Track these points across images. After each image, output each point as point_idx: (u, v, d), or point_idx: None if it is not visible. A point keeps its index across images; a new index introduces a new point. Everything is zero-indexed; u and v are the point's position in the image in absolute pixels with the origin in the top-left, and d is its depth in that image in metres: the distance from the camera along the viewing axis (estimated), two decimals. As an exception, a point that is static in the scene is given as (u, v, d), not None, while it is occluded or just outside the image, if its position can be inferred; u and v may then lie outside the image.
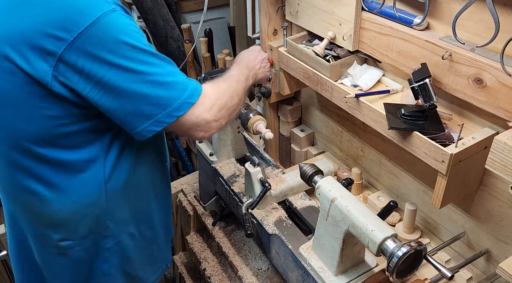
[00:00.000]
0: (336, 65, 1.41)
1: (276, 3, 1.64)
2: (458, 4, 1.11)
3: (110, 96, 0.98)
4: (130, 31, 0.96)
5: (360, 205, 1.15)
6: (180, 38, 2.45)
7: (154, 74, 0.98)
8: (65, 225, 1.15)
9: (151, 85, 0.98)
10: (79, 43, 0.92)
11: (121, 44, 0.94)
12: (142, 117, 1.01)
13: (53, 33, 0.91)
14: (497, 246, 1.29)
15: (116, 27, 0.94)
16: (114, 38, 0.93)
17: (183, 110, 1.03)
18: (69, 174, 1.09)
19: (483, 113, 1.16)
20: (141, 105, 0.99)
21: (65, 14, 0.91)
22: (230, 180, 1.60)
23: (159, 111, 1.01)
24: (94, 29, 0.92)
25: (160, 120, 1.02)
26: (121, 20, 0.96)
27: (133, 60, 0.96)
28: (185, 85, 1.03)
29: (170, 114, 1.02)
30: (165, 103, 1.00)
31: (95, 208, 1.14)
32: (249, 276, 1.58)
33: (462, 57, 1.09)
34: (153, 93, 0.99)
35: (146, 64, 0.97)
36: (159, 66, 1.00)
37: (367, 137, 1.64)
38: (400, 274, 1.06)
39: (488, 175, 1.22)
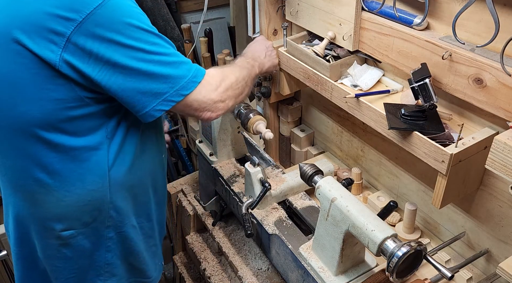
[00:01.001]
0: (336, 65, 1.41)
1: (276, 3, 1.64)
2: (458, 4, 1.11)
3: (119, 76, 1.00)
4: (135, 13, 1.00)
5: (360, 205, 1.15)
6: (180, 38, 2.45)
7: (160, 54, 1.02)
8: (68, 213, 1.16)
9: (158, 64, 1.02)
10: (88, 24, 0.94)
11: (128, 25, 0.97)
12: (151, 96, 1.04)
13: (62, 14, 0.93)
14: (497, 246, 1.29)
15: (122, 9, 0.98)
16: (121, 20, 0.97)
17: (190, 89, 1.06)
18: (74, 161, 1.11)
19: (483, 113, 1.16)
20: (150, 84, 1.02)
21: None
22: (230, 180, 1.60)
23: (167, 90, 1.04)
24: (102, 10, 0.94)
25: (168, 98, 1.05)
26: (126, 2, 1.00)
27: (140, 40, 0.99)
28: (189, 66, 1.07)
29: (177, 93, 1.05)
30: (172, 82, 1.04)
31: (99, 196, 1.16)
32: (249, 276, 1.58)
33: (462, 57, 1.09)
34: (161, 71, 1.02)
35: (152, 44, 1.01)
36: (164, 46, 1.04)
37: (367, 137, 1.64)
38: (400, 274, 1.06)
39: (488, 175, 1.22)
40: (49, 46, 0.96)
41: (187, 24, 2.24)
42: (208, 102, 1.10)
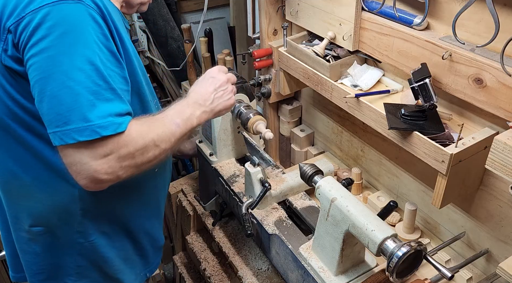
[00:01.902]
0: (336, 65, 1.41)
1: (276, 3, 1.64)
2: (458, 4, 1.11)
3: (32, 80, 0.92)
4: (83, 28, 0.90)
5: (360, 205, 1.15)
6: (180, 38, 2.45)
7: (79, 83, 0.89)
8: (39, 210, 1.13)
9: (70, 91, 0.88)
10: (28, 19, 0.89)
11: (65, 36, 0.88)
12: (47, 120, 0.92)
13: (9, 10, 0.92)
14: (497, 246, 1.29)
15: (72, 18, 0.89)
16: (61, 27, 0.88)
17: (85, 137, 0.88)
18: (47, 162, 1.07)
19: (483, 113, 1.16)
20: (48, 107, 0.90)
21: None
22: (230, 180, 1.60)
23: (60, 124, 0.89)
24: (47, 9, 0.89)
25: (58, 134, 0.90)
26: (82, 13, 0.90)
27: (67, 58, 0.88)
28: (104, 113, 0.90)
29: (69, 133, 0.89)
30: (70, 119, 0.89)
31: (70, 200, 1.11)
32: (249, 276, 1.58)
33: (462, 57, 1.09)
34: (66, 101, 0.88)
35: (78, 69, 0.89)
36: (91, 80, 0.90)
37: (367, 137, 1.64)
38: (400, 274, 1.06)
39: (488, 175, 1.22)
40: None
41: (187, 24, 2.24)
42: (85, 169, 0.91)
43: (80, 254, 1.21)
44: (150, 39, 2.54)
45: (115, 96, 0.93)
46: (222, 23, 2.61)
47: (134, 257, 1.33)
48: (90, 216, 1.17)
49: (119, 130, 0.91)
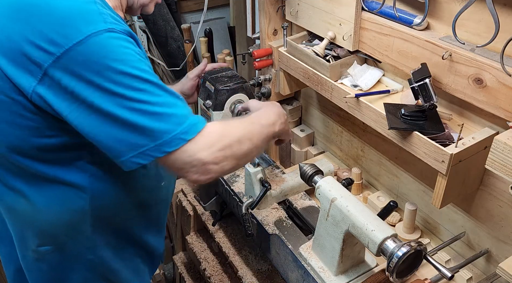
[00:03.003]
0: (336, 65, 1.41)
1: (276, 3, 1.64)
2: (458, 4, 1.11)
3: (94, 118, 0.90)
4: (122, 54, 0.89)
5: (360, 205, 1.15)
6: (180, 38, 2.45)
7: (144, 102, 0.90)
8: (46, 229, 1.11)
9: (139, 113, 0.90)
10: (66, 60, 0.86)
11: (109, 68, 0.87)
12: (127, 147, 0.92)
13: (42, 45, 0.87)
14: (497, 246, 1.29)
15: (106, 49, 0.87)
16: (102, 61, 0.87)
17: (174, 146, 0.92)
18: (52, 185, 1.04)
19: (483, 113, 1.16)
20: (126, 133, 0.91)
21: (56, 27, 0.86)
22: (230, 180, 1.60)
23: (146, 143, 0.91)
24: (82, 47, 0.86)
25: (146, 153, 0.92)
26: (114, 42, 0.89)
27: (121, 85, 0.88)
28: (181, 119, 0.93)
29: (158, 149, 0.92)
30: (153, 135, 0.91)
31: (78, 217, 1.10)
32: (249, 276, 1.58)
33: (462, 57, 1.09)
34: (141, 122, 0.90)
35: (136, 91, 0.89)
36: (153, 94, 0.92)
37: (367, 137, 1.64)
38: (400, 274, 1.06)
39: (488, 175, 1.22)
40: (25, 75, 0.89)
41: (187, 24, 2.24)
42: (194, 163, 0.95)
43: (88, 268, 1.19)
44: (150, 39, 2.54)
45: (176, 99, 0.96)
46: (222, 23, 2.61)
47: (141, 266, 1.32)
48: (99, 231, 1.15)
49: (200, 129, 0.95)
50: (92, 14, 0.89)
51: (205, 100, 1.54)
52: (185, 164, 0.95)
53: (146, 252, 1.31)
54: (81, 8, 0.89)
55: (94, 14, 0.89)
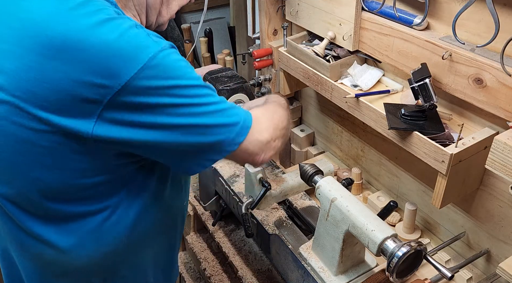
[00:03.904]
0: (336, 65, 1.41)
1: (276, 3, 1.64)
2: (458, 4, 1.11)
3: (164, 136, 0.90)
4: (180, 67, 0.90)
5: (360, 205, 1.15)
6: (180, 38, 2.45)
7: (211, 104, 0.93)
8: (77, 274, 1.06)
9: (212, 114, 0.93)
10: (129, 90, 0.83)
11: (174, 88, 0.87)
12: (202, 150, 0.95)
13: (95, 81, 0.81)
14: (497, 246, 1.28)
15: (167, 67, 0.87)
16: (166, 83, 0.86)
17: (243, 135, 0.97)
18: (87, 225, 0.99)
19: (483, 113, 1.16)
20: (201, 137, 0.93)
21: (111, 60, 0.82)
22: (230, 180, 1.60)
23: (222, 139, 0.94)
24: (144, 73, 0.83)
25: (222, 149, 0.95)
26: (170, 58, 0.88)
27: (188, 97, 0.89)
28: (237, 110, 0.98)
29: (233, 141, 0.96)
30: (227, 131, 0.94)
31: (113, 257, 1.06)
32: (249, 276, 1.58)
33: (462, 57, 1.08)
34: (215, 121, 0.93)
35: (201, 96, 0.92)
36: (212, 95, 0.95)
37: (367, 137, 1.64)
38: (400, 274, 1.06)
39: (488, 175, 1.22)
40: (79, 118, 0.84)
41: (187, 24, 2.24)
42: (263, 142, 1.01)
43: None
44: (150, 39, 2.54)
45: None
46: (222, 23, 2.61)
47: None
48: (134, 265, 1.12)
49: (251, 115, 1.00)
50: (142, 39, 0.86)
51: (205, 100, 1.54)
52: (255, 147, 0.99)
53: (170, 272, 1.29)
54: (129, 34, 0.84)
55: (144, 37, 0.86)
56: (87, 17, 0.83)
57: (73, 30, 0.82)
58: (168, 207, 1.12)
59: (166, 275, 1.25)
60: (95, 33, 0.82)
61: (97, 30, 0.82)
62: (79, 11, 0.84)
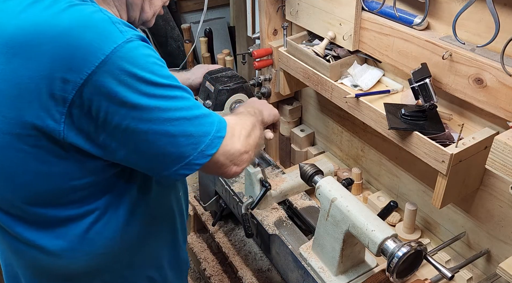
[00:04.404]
0: (336, 65, 1.41)
1: (276, 3, 1.64)
2: (458, 4, 1.11)
3: (131, 141, 0.85)
4: (148, 63, 0.83)
5: (360, 205, 1.15)
6: (180, 38, 2.45)
7: (180, 109, 0.86)
8: (76, 278, 1.05)
9: (178, 122, 0.86)
10: (91, 84, 0.78)
11: (140, 81, 0.81)
12: (170, 160, 0.88)
13: (61, 76, 0.78)
14: (497, 246, 1.28)
15: (132, 61, 0.80)
16: (131, 75, 0.80)
17: (215, 147, 0.90)
18: (76, 228, 0.97)
19: (483, 113, 1.16)
20: (169, 147, 0.86)
21: (73, 51, 0.78)
22: (230, 180, 1.60)
23: (190, 152, 0.87)
24: (107, 66, 0.78)
25: (191, 162, 0.88)
26: (137, 52, 0.82)
27: (155, 97, 0.83)
28: (211, 118, 0.91)
29: (202, 154, 0.89)
30: (195, 142, 0.87)
31: (109, 257, 1.04)
32: (249, 276, 1.58)
33: (462, 57, 1.08)
34: (181, 131, 0.86)
35: (170, 99, 0.85)
36: (184, 98, 0.87)
37: (367, 137, 1.64)
38: (400, 274, 1.06)
39: (488, 175, 1.22)
40: (49, 115, 0.81)
41: (187, 24, 2.24)
42: (235, 154, 0.94)
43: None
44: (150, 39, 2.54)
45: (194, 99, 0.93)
46: (222, 23, 2.61)
47: None
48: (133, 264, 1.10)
49: (225, 122, 0.95)
50: (105, 26, 0.80)
51: (205, 100, 1.54)
52: (227, 158, 0.94)
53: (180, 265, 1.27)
54: (91, 21, 0.80)
55: (107, 24, 0.81)
56: (45, 9, 0.81)
57: (31, 24, 0.80)
58: (159, 204, 1.09)
59: (173, 270, 1.22)
60: (54, 22, 0.79)
61: (56, 19, 0.79)
62: (38, 5, 0.81)
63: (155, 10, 1.06)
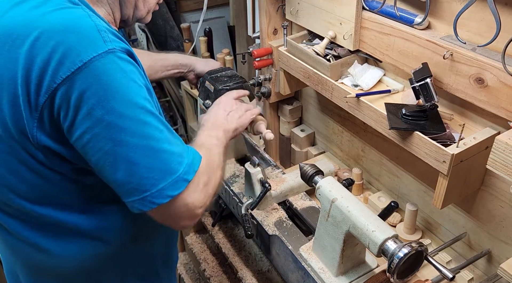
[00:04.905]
0: (337, 65, 1.41)
1: (276, 2, 1.63)
2: (459, 3, 1.10)
3: (93, 154, 0.81)
4: (127, 80, 0.79)
5: (360, 206, 1.15)
6: (179, 37, 2.45)
7: (147, 137, 0.80)
8: (70, 277, 1.05)
9: (142, 151, 0.80)
10: (64, 90, 0.76)
11: (111, 97, 0.77)
12: (127, 189, 0.83)
13: (36, 78, 0.77)
14: (498, 246, 1.28)
15: (108, 74, 0.77)
16: (104, 88, 0.77)
17: (178, 189, 0.83)
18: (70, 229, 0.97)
19: (484, 113, 1.16)
20: (127, 174, 0.81)
21: (50, 53, 0.76)
22: (230, 180, 1.60)
23: (148, 187, 0.81)
24: (83, 74, 0.76)
25: (147, 198, 0.82)
26: (116, 65, 0.78)
27: (123, 117, 0.78)
28: (181, 158, 0.85)
29: (161, 193, 0.82)
30: (157, 177, 0.81)
31: (103, 259, 1.04)
32: (249, 277, 1.57)
33: (463, 57, 1.08)
34: (143, 161, 0.80)
35: (138, 123, 0.80)
36: (155, 128, 0.82)
37: (367, 137, 1.64)
38: (401, 275, 1.06)
39: (489, 176, 1.22)
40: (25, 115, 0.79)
41: (187, 23, 2.24)
42: (189, 207, 0.86)
43: None
44: (150, 39, 2.54)
45: (172, 133, 0.87)
46: (222, 22, 2.60)
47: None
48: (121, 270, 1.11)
49: (197, 167, 0.87)
50: (90, 33, 0.79)
51: (205, 100, 1.54)
52: (182, 211, 0.86)
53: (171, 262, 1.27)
54: (75, 26, 0.78)
55: (92, 31, 0.79)
56: (32, 9, 0.80)
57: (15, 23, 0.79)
58: None
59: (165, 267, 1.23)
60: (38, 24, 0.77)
61: (41, 20, 0.78)
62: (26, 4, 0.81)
63: (149, 7, 1.05)
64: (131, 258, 1.11)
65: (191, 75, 1.61)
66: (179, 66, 1.56)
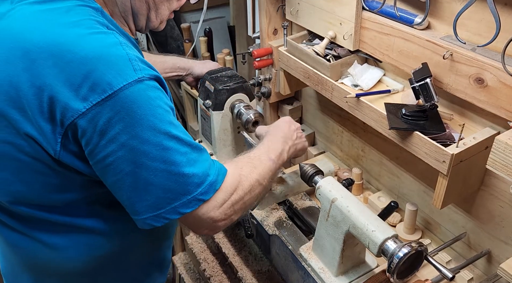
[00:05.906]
0: (337, 65, 1.41)
1: (276, 3, 1.64)
2: (459, 3, 1.10)
3: (113, 176, 0.85)
4: (153, 107, 0.82)
5: (360, 206, 1.15)
6: (179, 37, 2.44)
7: (168, 162, 0.84)
8: (73, 275, 1.06)
9: (162, 174, 0.84)
10: (92, 116, 0.79)
11: (137, 124, 0.81)
12: (142, 207, 0.87)
13: (64, 100, 0.79)
14: (498, 246, 1.28)
15: (136, 104, 0.80)
16: (131, 116, 0.80)
17: (191, 208, 0.88)
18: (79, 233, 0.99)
19: (484, 113, 1.16)
20: (143, 194, 0.86)
21: (82, 79, 0.79)
22: (230, 180, 1.59)
23: (162, 206, 0.87)
24: (110, 102, 0.79)
25: (161, 215, 0.88)
26: (145, 94, 0.81)
27: (147, 143, 0.82)
28: (202, 179, 0.89)
29: (174, 210, 0.88)
30: (172, 197, 0.87)
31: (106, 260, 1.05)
32: (249, 277, 1.57)
33: (463, 57, 1.08)
34: (161, 183, 0.85)
35: (161, 149, 0.83)
36: (179, 153, 0.86)
37: (367, 137, 1.64)
38: (401, 274, 1.06)
39: (489, 176, 1.22)
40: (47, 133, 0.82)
41: (187, 23, 2.24)
42: (207, 221, 0.92)
43: None
44: (150, 39, 2.54)
45: (197, 152, 0.90)
46: (222, 22, 2.60)
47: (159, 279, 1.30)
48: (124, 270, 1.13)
49: (219, 185, 0.92)
50: (121, 61, 0.81)
51: (205, 100, 1.54)
52: (197, 222, 0.92)
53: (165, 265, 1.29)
54: (108, 54, 0.81)
55: (123, 60, 0.81)
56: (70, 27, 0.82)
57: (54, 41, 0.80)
58: None
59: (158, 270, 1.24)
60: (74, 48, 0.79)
61: (77, 44, 0.80)
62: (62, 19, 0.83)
63: (161, 18, 1.08)
64: (130, 261, 1.12)
65: (189, 78, 1.63)
66: (177, 69, 1.58)
